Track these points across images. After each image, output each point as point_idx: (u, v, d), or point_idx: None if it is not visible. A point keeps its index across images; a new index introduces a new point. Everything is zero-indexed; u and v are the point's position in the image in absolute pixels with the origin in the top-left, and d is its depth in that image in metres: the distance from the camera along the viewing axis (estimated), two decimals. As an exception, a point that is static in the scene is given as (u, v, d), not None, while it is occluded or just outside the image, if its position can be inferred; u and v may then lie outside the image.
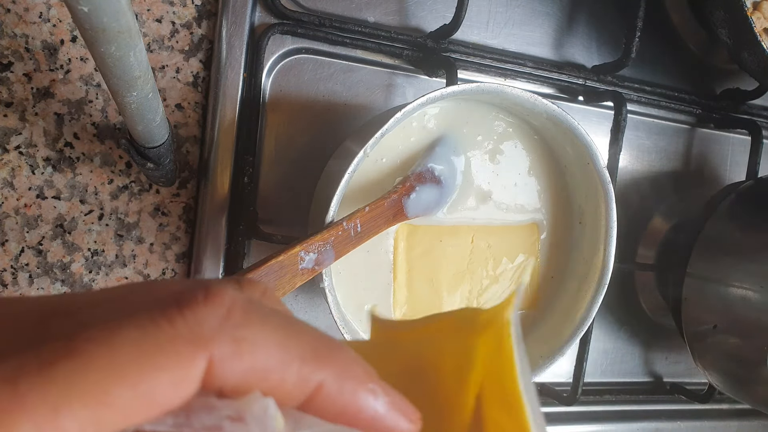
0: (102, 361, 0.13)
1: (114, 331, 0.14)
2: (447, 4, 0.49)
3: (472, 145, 0.42)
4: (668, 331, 0.59)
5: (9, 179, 0.41)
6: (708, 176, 0.61)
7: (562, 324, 0.43)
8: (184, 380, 0.14)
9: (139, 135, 0.35)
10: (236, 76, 0.43)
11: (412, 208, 0.35)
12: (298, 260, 0.26)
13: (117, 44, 0.26)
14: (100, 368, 0.13)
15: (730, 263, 0.50)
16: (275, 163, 0.46)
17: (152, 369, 0.14)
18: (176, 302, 0.15)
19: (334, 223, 0.29)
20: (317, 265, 0.27)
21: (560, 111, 0.39)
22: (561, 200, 0.45)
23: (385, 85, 0.48)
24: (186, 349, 0.14)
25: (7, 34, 0.40)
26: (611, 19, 0.55)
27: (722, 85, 0.60)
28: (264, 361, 0.15)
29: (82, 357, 0.13)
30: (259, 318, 0.15)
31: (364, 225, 0.30)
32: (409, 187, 0.36)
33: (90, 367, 0.13)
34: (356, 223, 0.30)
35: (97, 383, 0.13)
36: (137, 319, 0.14)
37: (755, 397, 0.52)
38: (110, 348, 0.13)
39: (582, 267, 0.43)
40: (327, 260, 0.27)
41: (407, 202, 0.35)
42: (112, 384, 0.13)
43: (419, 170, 0.37)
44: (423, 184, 0.37)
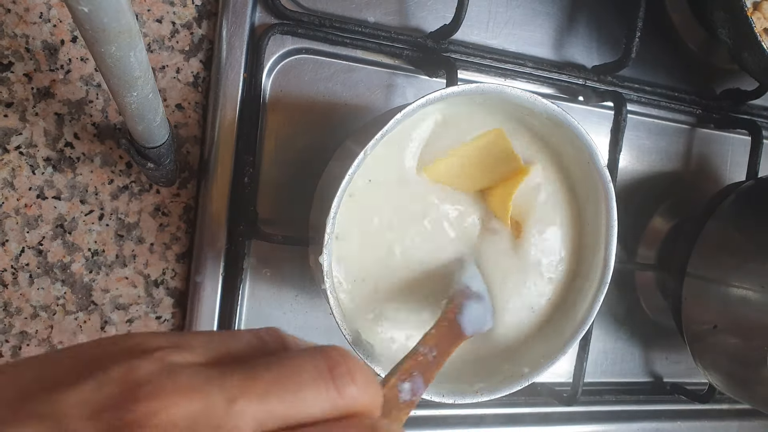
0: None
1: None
2: (447, 4, 0.49)
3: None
4: (668, 331, 0.59)
5: (9, 179, 0.41)
6: (708, 176, 0.61)
7: (563, 324, 0.43)
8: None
9: (140, 135, 0.35)
10: (236, 76, 0.44)
11: (469, 326, 0.37)
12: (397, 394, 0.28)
13: (117, 44, 0.26)
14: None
15: (730, 263, 0.50)
16: (275, 163, 0.46)
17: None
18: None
19: (412, 351, 0.31)
20: (414, 395, 0.28)
21: (560, 110, 0.39)
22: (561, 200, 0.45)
23: (385, 85, 0.48)
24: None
25: (7, 34, 0.40)
26: (611, 19, 0.55)
27: (722, 85, 0.60)
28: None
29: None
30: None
31: (437, 347, 0.32)
32: (458, 305, 0.37)
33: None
34: (430, 347, 0.32)
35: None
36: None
37: (755, 397, 0.52)
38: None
39: (583, 267, 0.43)
40: (419, 389, 0.29)
41: (461, 321, 0.36)
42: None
43: (458, 288, 0.39)
44: (468, 300, 0.38)
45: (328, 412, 0.19)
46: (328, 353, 0.20)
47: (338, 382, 0.20)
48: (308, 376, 0.19)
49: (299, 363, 0.20)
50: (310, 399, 0.19)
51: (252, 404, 0.18)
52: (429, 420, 0.51)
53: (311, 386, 0.19)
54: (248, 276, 0.46)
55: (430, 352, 0.32)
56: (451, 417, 0.52)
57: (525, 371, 0.41)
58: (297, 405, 0.19)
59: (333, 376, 0.20)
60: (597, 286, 0.42)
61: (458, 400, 0.39)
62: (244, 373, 0.19)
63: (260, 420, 0.18)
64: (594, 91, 0.53)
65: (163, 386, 0.18)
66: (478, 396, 0.39)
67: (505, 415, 0.54)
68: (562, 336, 0.42)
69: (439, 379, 0.41)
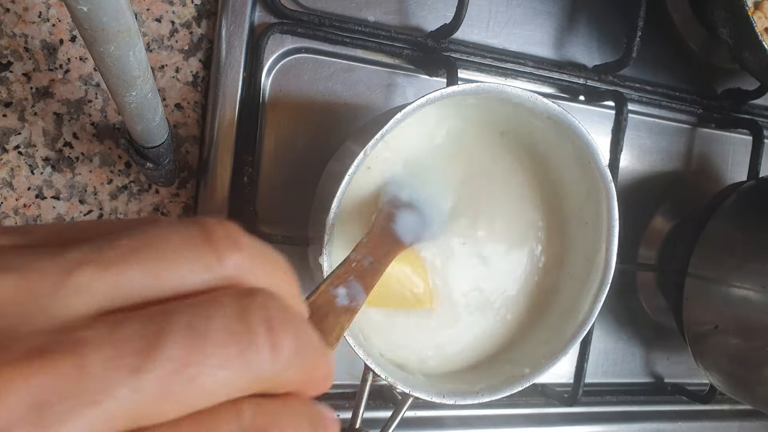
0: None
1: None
2: (447, 3, 0.49)
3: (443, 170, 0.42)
4: (669, 332, 0.58)
5: (8, 179, 0.40)
6: (709, 176, 0.61)
7: (565, 324, 0.43)
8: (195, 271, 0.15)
9: (139, 135, 0.35)
10: (236, 75, 0.43)
11: (404, 234, 0.36)
12: (332, 298, 0.26)
13: (116, 44, 0.26)
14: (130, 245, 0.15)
15: (731, 263, 0.50)
16: (275, 163, 0.46)
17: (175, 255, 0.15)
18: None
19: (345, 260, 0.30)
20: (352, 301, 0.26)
21: (560, 110, 0.39)
22: (562, 200, 0.45)
23: (385, 84, 0.48)
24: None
25: (6, 33, 0.39)
26: (612, 18, 0.55)
27: (723, 84, 0.60)
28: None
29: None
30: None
31: (371, 255, 0.31)
32: (387, 214, 0.36)
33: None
34: (363, 254, 0.31)
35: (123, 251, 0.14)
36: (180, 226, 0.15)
37: (756, 397, 0.51)
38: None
39: (584, 266, 0.43)
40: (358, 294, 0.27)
41: (396, 229, 0.35)
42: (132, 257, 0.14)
43: (386, 199, 0.38)
44: (397, 209, 0.37)
45: (208, 283, 0.15)
46: (204, 220, 0.16)
47: (216, 247, 0.15)
48: (177, 241, 0.15)
49: (164, 230, 0.15)
50: (180, 266, 0.15)
51: (94, 275, 0.14)
52: (429, 421, 0.51)
53: (181, 252, 0.15)
54: (248, 276, 0.46)
55: (365, 259, 0.30)
56: (451, 418, 0.52)
57: (526, 372, 0.41)
58: (161, 272, 0.14)
59: (210, 241, 0.15)
60: (598, 286, 0.42)
61: (459, 400, 0.39)
62: (89, 245, 0.14)
63: (107, 294, 0.14)
64: (595, 90, 0.53)
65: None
66: (480, 397, 0.39)
67: (505, 415, 0.53)
68: (563, 336, 0.42)
69: (440, 380, 0.41)
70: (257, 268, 0.16)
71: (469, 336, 0.44)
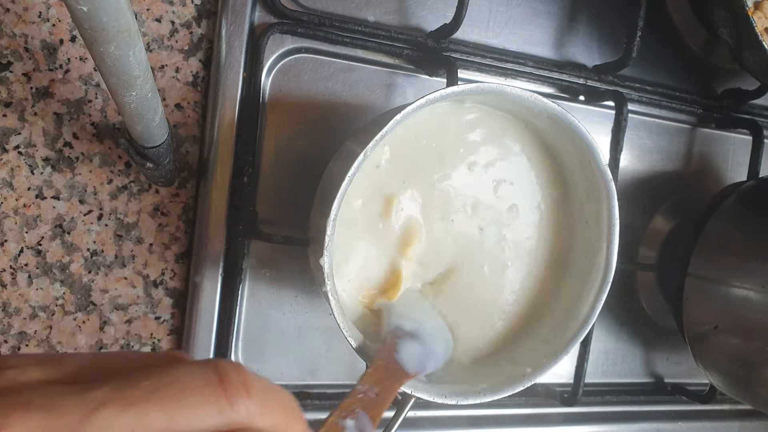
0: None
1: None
2: (447, 3, 0.49)
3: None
4: (669, 332, 0.58)
5: (8, 179, 0.40)
6: (709, 176, 0.61)
7: (566, 323, 0.43)
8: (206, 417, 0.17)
9: (139, 135, 0.35)
10: (236, 75, 0.43)
11: (408, 364, 0.36)
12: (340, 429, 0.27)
13: (116, 44, 0.26)
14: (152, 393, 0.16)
15: (731, 263, 0.50)
16: (275, 163, 0.46)
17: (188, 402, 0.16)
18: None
19: (351, 390, 0.31)
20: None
21: (560, 109, 0.39)
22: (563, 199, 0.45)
23: (385, 84, 0.48)
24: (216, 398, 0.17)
25: (6, 33, 0.39)
26: (612, 18, 0.55)
27: (723, 84, 0.60)
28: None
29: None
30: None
31: (377, 386, 0.32)
32: (391, 344, 0.37)
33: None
34: (369, 386, 0.31)
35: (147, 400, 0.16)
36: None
37: (757, 397, 0.51)
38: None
39: (585, 265, 0.43)
40: (366, 425, 0.28)
41: (401, 359, 0.36)
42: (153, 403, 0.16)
43: (388, 330, 0.38)
44: (401, 339, 0.37)
45: (218, 426, 0.17)
46: (219, 364, 0.17)
47: (229, 392, 0.17)
48: (194, 385, 0.16)
49: (184, 372, 0.17)
50: (195, 410, 0.16)
51: (116, 414, 0.15)
52: (429, 421, 0.51)
53: (197, 396, 0.16)
54: (248, 276, 0.46)
55: (371, 390, 0.31)
56: (451, 418, 0.52)
57: (528, 371, 0.41)
58: (178, 416, 0.16)
59: (223, 386, 0.17)
60: (599, 285, 0.42)
61: (461, 401, 0.39)
62: (114, 384, 0.16)
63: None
64: (595, 90, 0.53)
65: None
66: (481, 396, 0.39)
67: (505, 415, 0.53)
68: (564, 335, 0.42)
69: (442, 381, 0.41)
70: (267, 413, 0.17)
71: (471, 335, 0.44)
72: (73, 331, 0.43)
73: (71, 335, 0.43)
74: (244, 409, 0.17)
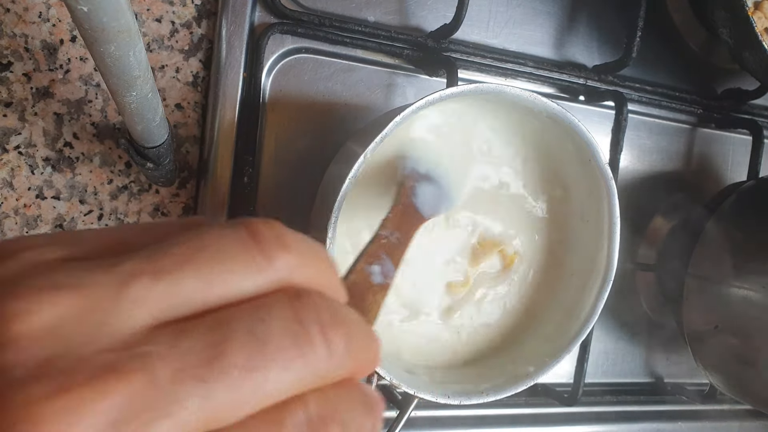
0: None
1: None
2: (447, 3, 0.49)
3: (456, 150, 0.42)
4: (669, 332, 0.58)
5: (8, 179, 0.40)
6: (709, 176, 0.61)
7: (568, 322, 0.43)
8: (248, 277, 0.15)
9: (139, 135, 0.35)
10: (236, 75, 0.43)
11: (424, 208, 0.36)
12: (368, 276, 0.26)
13: (116, 44, 0.26)
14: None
15: (731, 263, 0.50)
16: (275, 163, 0.46)
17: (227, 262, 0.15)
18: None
19: (374, 236, 0.30)
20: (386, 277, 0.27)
21: (560, 109, 0.39)
22: (563, 199, 0.45)
23: (385, 84, 0.48)
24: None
25: (6, 33, 0.39)
26: (612, 18, 0.55)
27: (723, 84, 0.60)
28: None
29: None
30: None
31: (398, 230, 0.31)
32: (409, 188, 0.37)
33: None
34: (390, 230, 0.31)
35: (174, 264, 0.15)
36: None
37: (756, 397, 0.51)
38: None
39: (586, 264, 0.43)
40: (390, 270, 0.27)
41: (417, 203, 0.36)
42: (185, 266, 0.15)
43: (404, 173, 0.38)
44: (417, 182, 0.37)
45: (260, 287, 0.15)
46: (251, 222, 0.16)
47: (266, 249, 0.15)
48: (227, 245, 0.15)
49: (214, 235, 0.15)
50: (232, 271, 0.15)
51: (150, 285, 0.14)
52: (429, 421, 0.51)
53: (232, 257, 0.15)
54: (248, 276, 0.46)
55: (392, 235, 0.30)
56: (451, 418, 0.52)
57: (530, 370, 0.41)
58: (215, 280, 0.15)
59: (258, 244, 0.15)
60: (600, 284, 0.42)
61: (464, 401, 0.39)
62: (143, 254, 0.15)
63: (165, 304, 0.14)
64: (595, 90, 0.53)
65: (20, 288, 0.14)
66: (484, 396, 0.39)
67: (505, 415, 0.53)
68: (566, 335, 0.42)
69: (444, 380, 0.41)
70: (305, 267, 0.16)
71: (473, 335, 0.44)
72: (74, 331, 0.43)
73: (71, 335, 0.43)
74: (284, 265, 0.16)
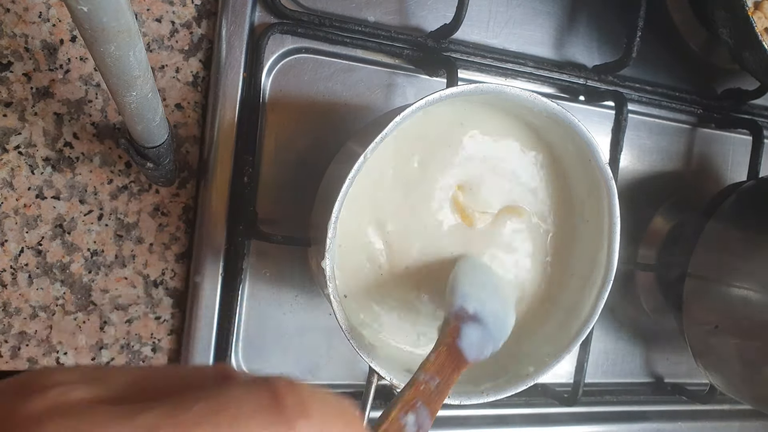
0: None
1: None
2: (447, 3, 0.49)
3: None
4: (669, 332, 0.58)
5: (8, 179, 0.40)
6: (709, 176, 0.61)
7: (568, 322, 0.43)
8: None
9: (139, 135, 0.35)
10: (236, 75, 0.43)
11: (469, 351, 0.34)
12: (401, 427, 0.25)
13: (116, 44, 0.26)
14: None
15: (731, 263, 0.50)
16: (275, 163, 0.46)
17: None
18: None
19: (411, 380, 0.29)
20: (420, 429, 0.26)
21: (560, 109, 0.39)
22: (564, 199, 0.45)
23: (385, 84, 0.48)
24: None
25: (6, 33, 0.40)
26: (612, 18, 0.55)
27: (723, 84, 0.60)
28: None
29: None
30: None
31: (438, 375, 0.30)
32: (455, 328, 0.35)
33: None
34: (431, 375, 0.30)
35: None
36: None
37: (757, 397, 0.51)
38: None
39: (586, 264, 0.43)
40: (425, 421, 0.26)
41: (461, 345, 0.34)
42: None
43: (452, 310, 0.36)
44: (465, 323, 0.35)
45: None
46: (274, 382, 0.16)
47: (287, 415, 0.16)
48: (249, 408, 0.15)
49: (237, 394, 0.16)
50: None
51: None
52: (429, 420, 0.51)
53: (252, 420, 0.15)
54: (248, 276, 0.46)
55: (432, 380, 0.29)
56: (451, 417, 0.52)
57: (530, 370, 0.41)
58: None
59: (279, 408, 0.16)
60: (601, 283, 0.42)
61: (464, 401, 0.39)
62: (164, 407, 0.15)
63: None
64: (595, 90, 0.53)
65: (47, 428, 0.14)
66: (485, 396, 0.39)
67: (505, 415, 0.53)
68: (567, 334, 0.42)
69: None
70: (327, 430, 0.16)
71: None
72: (74, 331, 0.43)
73: (71, 335, 0.43)
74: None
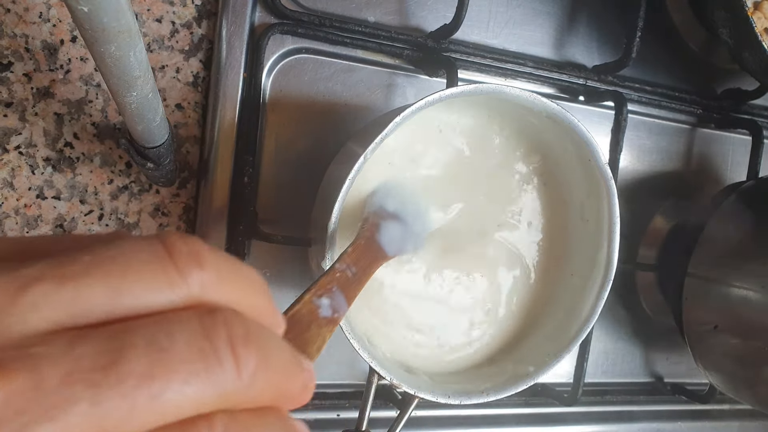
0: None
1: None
2: (447, 3, 0.49)
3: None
4: (669, 332, 0.58)
5: (9, 179, 0.41)
6: (709, 176, 0.61)
7: (568, 321, 0.43)
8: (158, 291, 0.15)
9: (139, 135, 0.35)
10: (236, 76, 0.43)
11: (388, 246, 0.35)
12: (315, 309, 0.26)
13: (117, 44, 0.26)
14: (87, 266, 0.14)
15: (731, 263, 0.50)
16: (275, 163, 0.46)
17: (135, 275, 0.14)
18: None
19: (329, 269, 0.29)
20: (335, 312, 0.26)
21: (559, 109, 0.39)
22: (563, 198, 0.45)
23: (385, 85, 0.48)
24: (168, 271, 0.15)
25: (7, 34, 0.40)
26: (612, 18, 0.55)
27: (723, 85, 0.60)
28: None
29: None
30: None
31: (355, 265, 0.30)
32: (372, 224, 0.36)
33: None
34: (347, 264, 0.30)
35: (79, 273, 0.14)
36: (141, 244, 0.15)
37: (756, 397, 0.51)
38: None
39: (586, 264, 0.43)
40: (341, 305, 0.27)
41: (381, 240, 0.35)
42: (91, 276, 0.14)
43: (372, 210, 0.38)
44: (384, 220, 0.37)
45: (171, 302, 0.15)
46: (168, 235, 0.15)
47: (180, 264, 0.15)
48: (140, 258, 0.14)
49: (128, 246, 0.15)
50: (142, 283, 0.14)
51: (51, 290, 0.13)
52: (430, 421, 0.51)
53: (143, 268, 0.14)
54: (248, 276, 0.46)
55: (349, 269, 0.29)
56: (451, 417, 0.52)
57: (530, 370, 0.41)
58: (123, 291, 0.14)
59: (173, 258, 0.15)
60: (600, 283, 0.42)
61: (465, 400, 0.39)
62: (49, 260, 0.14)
63: (66, 310, 0.13)
64: (595, 90, 0.53)
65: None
66: (485, 396, 0.39)
67: (505, 415, 0.53)
68: (567, 334, 0.42)
69: (445, 380, 0.41)
70: (223, 285, 0.15)
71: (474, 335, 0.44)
72: (74, 331, 0.43)
73: (72, 335, 0.43)
74: (198, 281, 0.15)
